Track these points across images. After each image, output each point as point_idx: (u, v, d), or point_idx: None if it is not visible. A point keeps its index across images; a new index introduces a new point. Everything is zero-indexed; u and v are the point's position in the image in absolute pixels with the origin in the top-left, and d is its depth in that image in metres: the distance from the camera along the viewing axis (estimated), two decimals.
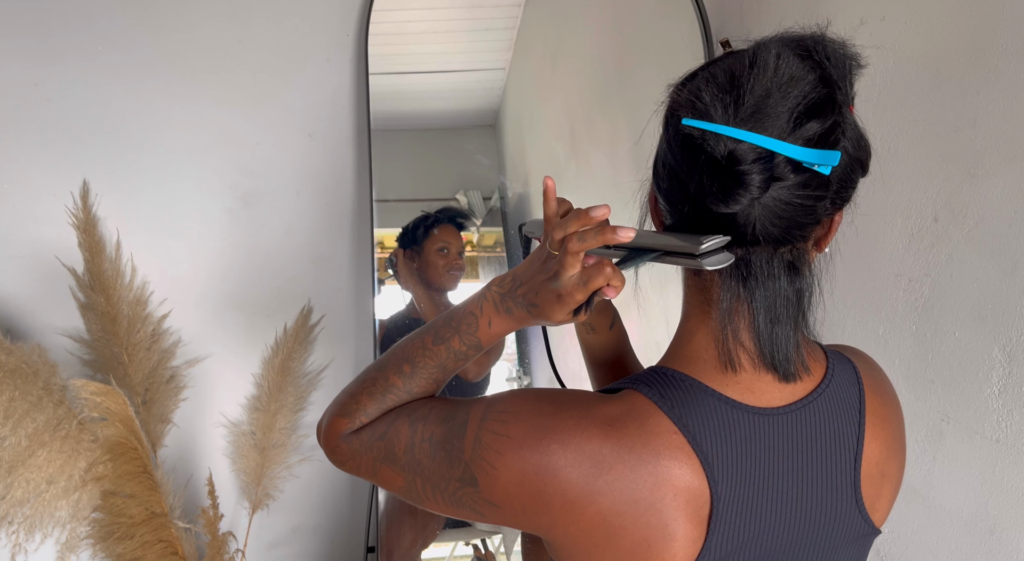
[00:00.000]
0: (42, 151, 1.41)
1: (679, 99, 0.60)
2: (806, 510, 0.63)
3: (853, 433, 0.65)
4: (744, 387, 0.62)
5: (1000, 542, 0.97)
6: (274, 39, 1.52)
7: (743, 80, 0.55)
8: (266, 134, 1.53)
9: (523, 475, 0.59)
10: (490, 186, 1.72)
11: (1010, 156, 0.94)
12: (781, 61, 0.55)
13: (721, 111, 0.55)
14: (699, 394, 0.61)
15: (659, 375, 0.63)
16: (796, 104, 0.54)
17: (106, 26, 1.42)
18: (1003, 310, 0.94)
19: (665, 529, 0.58)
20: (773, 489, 0.61)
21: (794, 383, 0.63)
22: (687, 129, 0.57)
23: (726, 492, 0.58)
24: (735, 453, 0.59)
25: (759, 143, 0.53)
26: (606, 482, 0.57)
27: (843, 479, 0.65)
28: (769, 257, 0.60)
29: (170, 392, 1.47)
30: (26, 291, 1.42)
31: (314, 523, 1.66)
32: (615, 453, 0.58)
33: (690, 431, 0.59)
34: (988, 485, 0.98)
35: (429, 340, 0.70)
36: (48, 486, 1.19)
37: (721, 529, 0.58)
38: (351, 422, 0.70)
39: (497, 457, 0.60)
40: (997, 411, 0.96)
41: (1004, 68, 0.94)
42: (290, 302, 1.58)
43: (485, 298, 0.69)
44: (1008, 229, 0.94)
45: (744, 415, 0.60)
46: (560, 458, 0.58)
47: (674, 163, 0.59)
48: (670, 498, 0.57)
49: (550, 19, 1.73)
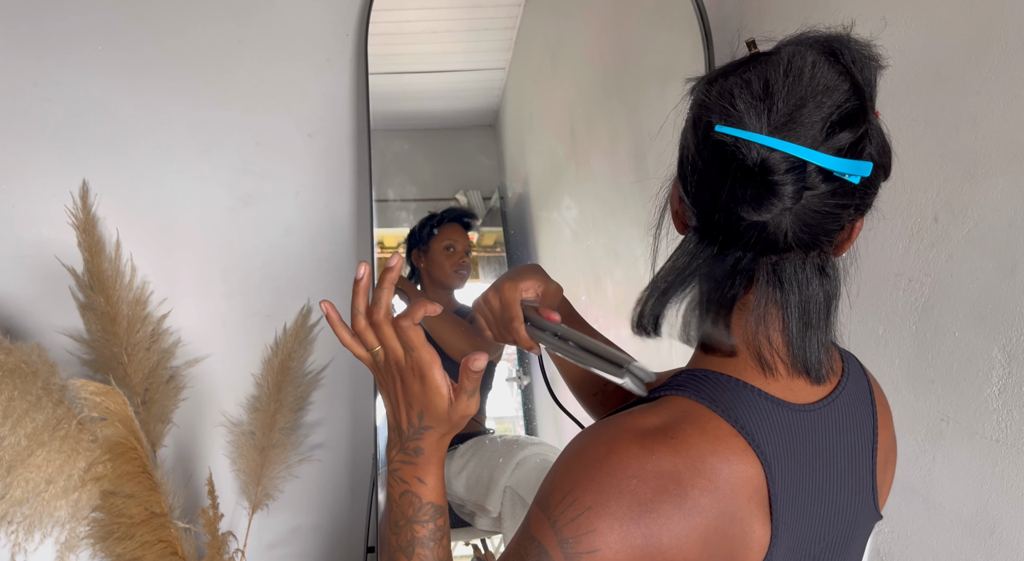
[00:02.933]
0: (42, 151, 1.41)
1: (709, 103, 0.59)
2: (841, 498, 0.65)
3: (870, 424, 0.68)
4: (783, 386, 0.63)
5: (1000, 542, 0.96)
6: (274, 39, 1.52)
7: (777, 88, 0.55)
8: (266, 134, 1.53)
9: (624, 533, 0.54)
10: (490, 186, 1.72)
11: (1010, 156, 0.94)
12: (816, 70, 0.55)
13: (755, 119, 0.55)
14: (747, 393, 0.61)
15: (698, 378, 0.62)
16: (829, 113, 0.55)
17: (106, 26, 1.42)
18: (1003, 310, 0.94)
19: (745, 537, 0.57)
20: (816, 481, 0.63)
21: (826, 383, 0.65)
22: (719, 136, 0.56)
23: (782, 489, 0.59)
24: (786, 450, 0.60)
25: (793, 152, 0.53)
26: (693, 500, 0.54)
27: (865, 468, 0.67)
28: (802, 262, 0.60)
29: (170, 392, 1.47)
30: (26, 291, 1.42)
31: (314, 523, 1.66)
32: (690, 467, 0.55)
33: (748, 431, 0.58)
34: (988, 485, 0.98)
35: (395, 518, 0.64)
36: (47, 486, 1.19)
37: (783, 525, 0.59)
38: None
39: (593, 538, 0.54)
40: (997, 411, 0.96)
41: (1004, 68, 0.94)
42: (290, 302, 1.58)
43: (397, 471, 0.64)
44: (1008, 229, 0.94)
45: (788, 412, 0.61)
46: (645, 492, 0.54)
47: (704, 168, 0.59)
48: (745, 503, 0.57)
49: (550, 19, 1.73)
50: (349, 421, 1.65)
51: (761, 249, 0.59)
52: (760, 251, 0.59)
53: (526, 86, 1.75)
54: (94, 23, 1.42)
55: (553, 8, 1.72)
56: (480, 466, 1.57)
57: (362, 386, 1.64)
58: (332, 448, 1.65)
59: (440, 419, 0.62)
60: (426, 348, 0.61)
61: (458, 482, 1.59)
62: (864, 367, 0.75)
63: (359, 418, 1.65)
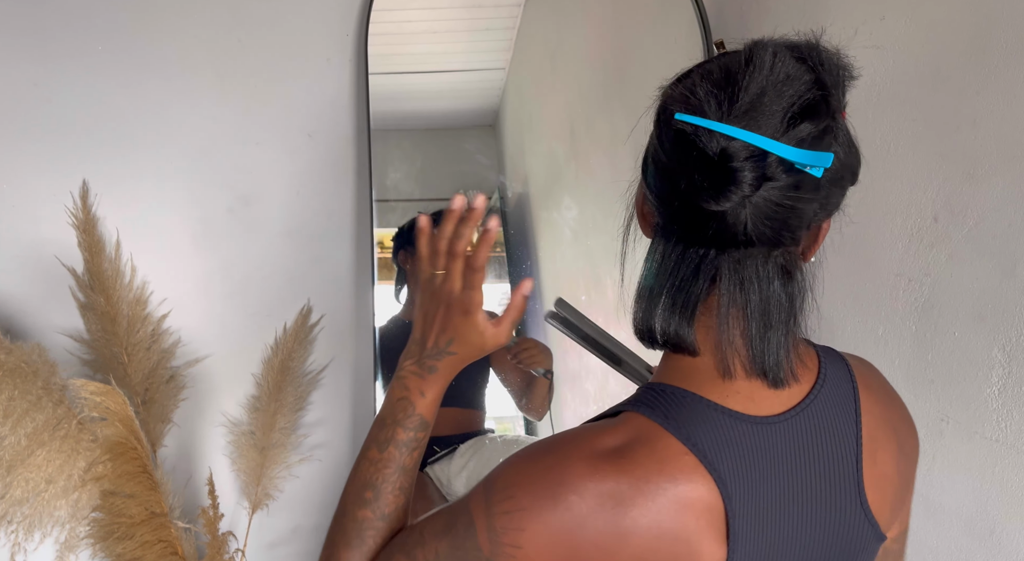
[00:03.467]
0: (41, 151, 1.41)
1: (673, 94, 0.59)
2: (815, 515, 0.62)
3: (852, 433, 0.64)
4: (744, 396, 0.61)
5: (1000, 542, 0.97)
6: (274, 39, 1.52)
7: (738, 77, 0.55)
8: (266, 134, 1.53)
9: (551, 540, 0.56)
10: (490, 186, 1.72)
11: (1010, 156, 0.94)
12: (777, 60, 0.55)
13: (715, 107, 0.54)
14: (702, 409, 0.59)
15: (657, 393, 0.62)
16: (791, 104, 0.54)
17: (106, 26, 1.42)
18: (1003, 310, 0.94)
19: (692, 556, 0.57)
20: (782, 498, 0.60)
21: (789, 388, 0.62)
22: (679, 124, 0.56)
23: (740, 506, 0.58)
24: (743, 465, 0.58)
25: (752, 141, 0.53)
26: (632, 519, 0.55)
27: (847, 482, 0.63)
28: (764, 260, 0.59)
29: (170, 392, 1.47)
30: (26, 291, 1.42)
31: (314, 523, 1.66)
32: (633, 487, 0.55)
33: (700, 449, 0.57)
34: (988, 485, 0.98)
35: (374, 453, 0.68)
36: (47, 486, 1.19)
37: (741, 544, 0.58)
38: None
39: (519, 534, 0.56)
40: (997, 411, 0.96)
41: (1004, 68, 0.94)
42: (290, 302, 1.58)
43: (404, 378, 0.68)
44: (1008, 229, 0.94)
45: (747, 426, 0.59)
46: (581, 507, 0.55)
47: (665, 159, 0.59)
48: (692, 522, 0.56)
49: (550, 19, 1.73)
50: (349, 421, 1.65)
51: (721, 243, 0.58)
52: (720, 245, 0.58)
53: (526, 86, 1.75)
54: (94, 24, 1.42)
55: (553, 8, 1.72)
56: (480, 466, 1.58)
57: (362, 386, 1.64)
58: (332, 448, 1.65)
59: (470, 347, 0.66)
60: (478, 292, 0.65)
61: (458, 482, 1.59)
62: (856, 368, 0.69)
63: (359, 418, 1.65)
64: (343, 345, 1.63)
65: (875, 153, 1.13)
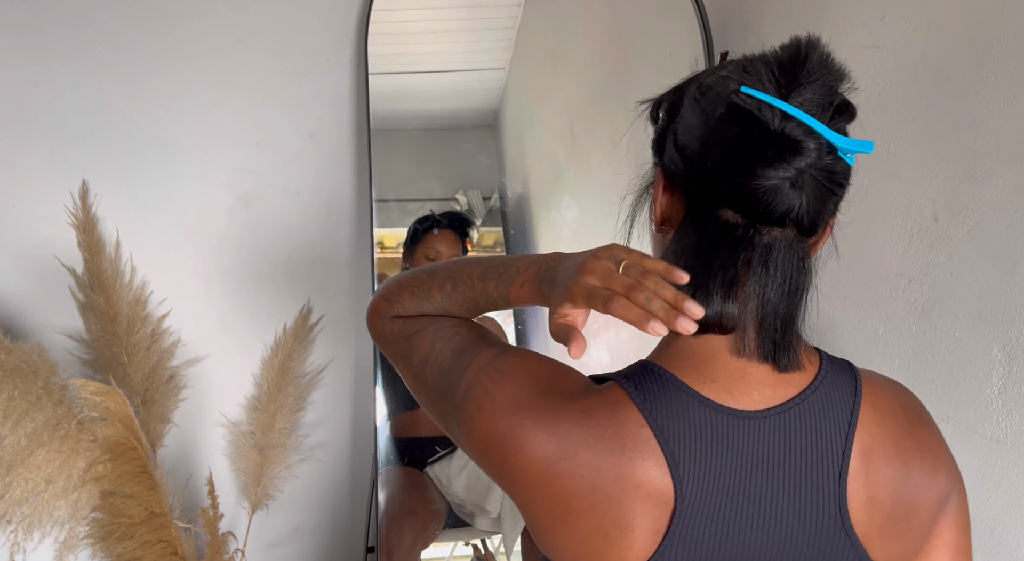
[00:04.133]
0: (41, 151, 1.41)
1: (725, 74, 0.61)
2: (779, 522, 0.61)
3: (838, 447, 0.62)
4: (721, 386, 0.61)
5: (1000, 542, 0.96)
6: (274, 39, 1.52)
7: (797, 65, 0.58)
8: (266, 134, 1.53)
9: (493, 437, 0.62)
10: (490, 186, 1.72)
11: (1010, 156, 0.94)
12: (829, 58, 0.59)
13: (775, 88, 0.57)
14: (674, 390, 0.61)
15: (640, 369, 0.64)
16: (836, 97, 0.58)
17: (106, 26, 1.42)
18: (1003, 310, 0.94)
19: (622, 519, 0.58)
20: (745, 494, 0.60)
21: (784, 381, 0.62)
22: (741, 98, 0.57)
23: (692, 491, 0.58)
24: (705, 453, 0.59)
25: (809, 122, 0.56)
26: (569, 466, 0.59)
27: (825, 494, 0.61)
28: (790, 246, 0.60)
29: (170, 392, 1.47)
30: (26, 291, 1.42)
31: (314, 523, 1.66)
32: (582, 439, 0.59)
33: (659, 426, 0.59)
34: (988, 485, 0.98)
35: (476, 272, 0.71)
36: (47, 486, 1.19)
37: (683, 527, 0.58)
38: (390, 308, 0.77)
39: (478, 412, 0.64)
40: (997, 411, 0.96)
41: (1004, 68, 0.94)
42: (290, 302, 1.58)
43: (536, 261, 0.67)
44: (1008, 229, 0.94)
45: (718, 415, 0.60)
46: (530, 434, 0.60)
47: (714, 135, 0.60)
48: (630, 490, 0.58)
49: (550, 19, 1.73)
50: (349, 421, 1.65)
51: (767, 218, 0.59)
52: (766, 220, 0.59)
53: (526, 86, 1.75)
54: (95, 24, 1.42)
55: (553, 8, 1.72)
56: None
57: (362, 386, 1.64)
58: (332, 448, 1.65)
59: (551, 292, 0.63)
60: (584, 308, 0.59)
61: (458, 482, 1.59)
62: (870, 387, 0.66)
63: (359, 418, 1.65)
64: (343, 345, 1.63)
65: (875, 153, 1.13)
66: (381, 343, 0.79)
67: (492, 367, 0.65)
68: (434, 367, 0.69)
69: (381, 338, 0.78)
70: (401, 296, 0.76)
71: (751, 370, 0.62)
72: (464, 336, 0.71)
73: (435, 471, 1.60)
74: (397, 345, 0.75)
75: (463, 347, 0.69)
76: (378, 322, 0.78)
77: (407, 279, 0.76)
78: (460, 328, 0.72)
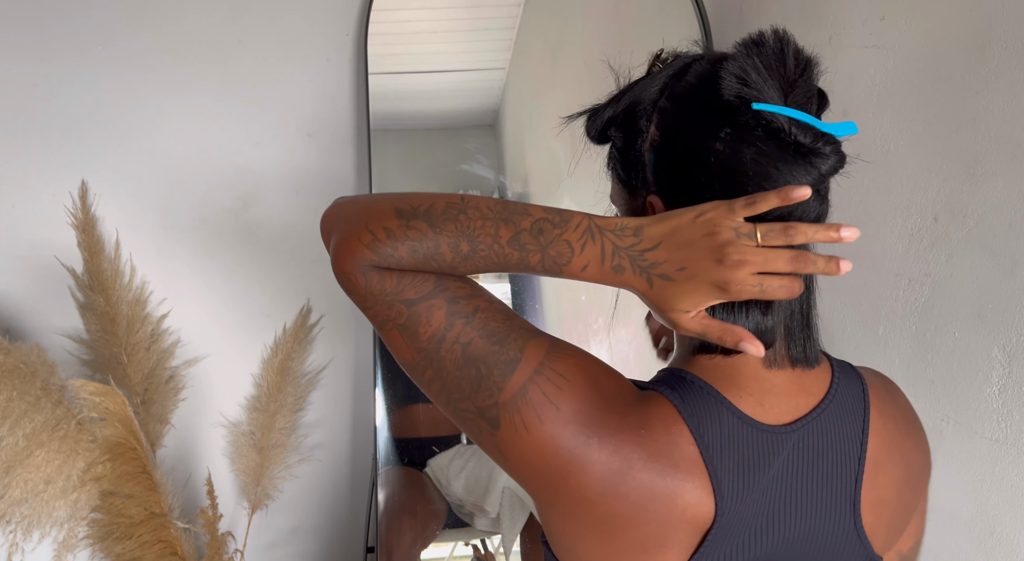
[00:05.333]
0: (41, 151, 1.41)
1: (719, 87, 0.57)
2: (798, 529, 0.61)
3: (855, 454, 0.63)
4: (755, 400, 0.60)
5: (1000, 542, 0.96)
6: (273, 39, 1.51)
7: (781, 65, 0.57)
8: (266, 134, 1.53)
9: (551, 453, 0.56)
10: (490, 186, 1.72)
11: (1010, 156, 0.94)
12: (800, 48, 0.58)
13: (779, 96, 0.56)
14: (717, 406, 0.59)
15: (678, 380, 0.61)
16: (815, 86, 0.58)
17: (105, 26, 1.42)
18: (1003, 310, 0.94)
19: (663, 539, 0.57)
20: (769, 506, 0.60)
21: (803, 389, 0.62)
22: (750, 115, 0.56)
23: (730, 509, 0.58)
24: (743, 474, 0.58)
25: (818, 125, 0.56)
26: (626, 488, 0.56)
27: (843, 500, 0.63)
28: (807, 246, 0.61)
29: (169, 392, 1.47)
30: (25, 291, 1.42)
31: (314, 523, 1.66)
32: (641, 460, 0.56)
33: (705, 444, 0.57)
34: (988, 485, 0.98)
35: (505, 236, 0.57)
36: (46, 486, 1.18)
37: (713, 545, 0.58)
38: (375, 256, 0.57)
39: (536, 423, 0.56)
40: (997, 411, 0.96)
41: (1004, 68, 0.94)
42: (289, 302, 1.58)
43: (592, 237, 0.57)
44: (1008, 229, 0.94)
45: (755, 433, 0.59)
46: (595, 454, 0.55)
47: (732, 156, 0.57)
48: (677, 512, 0.57)
49: (550, 19, 1.73)
50: (349, 421, 1.65)
51: None
52: None
53: (526, 86, 1.75)
54: (94, 24, 1.42)
55: (553, 8, 1.72)
56: (479, 467, 1.57)
57: (362, 386, 1.64)
58: (332, 448, 1.64)
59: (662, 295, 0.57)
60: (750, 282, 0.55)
61: (457, 483, 1.59)
62: (873, 389, 0.67)
63: (359, 418, 1.65)
64: (343, 345, 1.63)
65: (875, 153, 1.13)
66: (359, 299, 0.60)
67: (550, 368, 0.57)
68: (455, 349, 0.57)
69: (361, 293, 0.60)
70: (395, 248, 0.57)
71: (776, 380, 0.62)
72: (490, 314, 0.59)
73: (434, 471, 1.60)
74: (390, 309, 0.59)
75: (498, 332, 0.58)
76: (356, 269, 0.58)
77: (399, 227, 0.57)
78: (478, 300, 0.60)
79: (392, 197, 0.60)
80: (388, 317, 0.59)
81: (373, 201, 0.61)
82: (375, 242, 0.57)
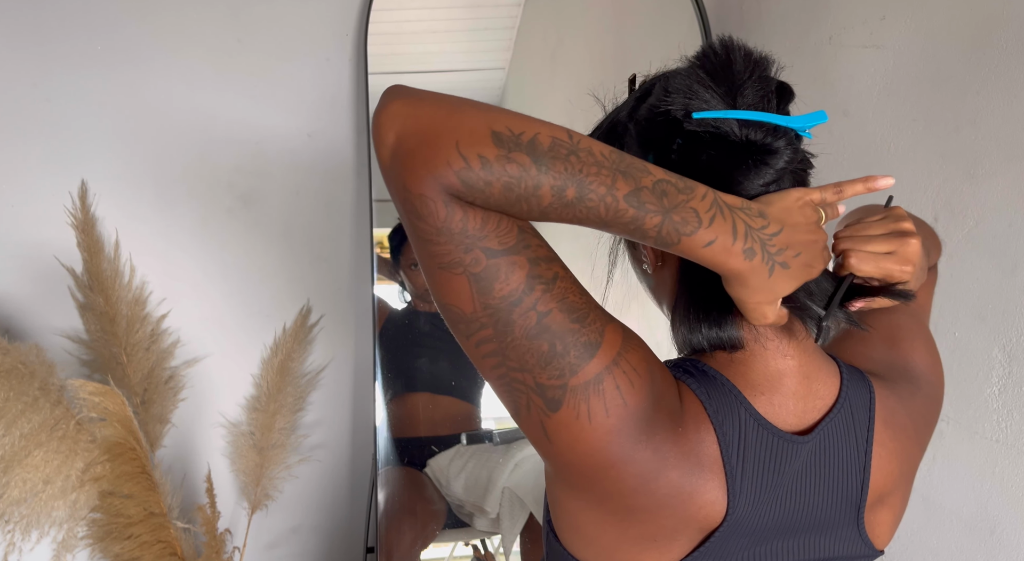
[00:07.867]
0: (41, 151, 1.41)
1: (665, 105, 0.60)
2: (803, 538, 0.63)
3: (860, 462, 0.64)
4: (767, 400, 0.61)
5: (1000, 542, 0.96)
6: (273, 39, 1.51)
7: (727, 70, 0.58)
8: (266, 134, 1.53)
9: (605, 446, 0.53)
10: None
11: (1010, 156, 0.94)
12: (749, 50, 0.59)
13: (721, 101, 0.57)
14: (736, 404, 0.59)
15: (701, 373, 0.61)
16: (773, 84, 0.59)
17: (105, 26, 1.42)
18: (1003, 310, 0.94)
19: (675, 532, 0.58)
20: (776, 511, 0.61)
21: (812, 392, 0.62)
22: (694, 125, 0.57)
23: (738, 512, 0.58)
24: (756, 475, 0.59)
25: (767, 120, 0.56)
26: (657, 485, 0.56)
27: (847, 505, 0.64)
28: None
29: (169, 392, 1.46)
30: (24, 291, 1.42)
31: (313, 523, 1.66)
32: (674, 459, 0.56)
33: (726, 444, 0.58)
34: (988, 485, 0.98)
35: (623, 190, 0.50)
36: (45, 486, 1.18)
37: (716, 542, 0.58)
38: (461, 186, 0.48)
39: (602, 416, 0.53)
40: (997, 411, 0.96)
41: (1004, 68, 0.94)
42: (289, 302, 1.58)
43: (721, 211, 0.52)
44: (1008, 229, 0.94)
45: (770, 437, 0.60)
46: (640, 452, 0.54)
47: (689, 168, 0.57)
48: (694, 509, 0.57)
49: (550, 19, 1.73)
50: (349, 421, 1.65)
51: None
52: None
53: (526, 86, 1.75)
54: (94, 23, 1.42)
55: (553, 8, 1.72)
56: (479, 467, 1.57)
57: (362, 386, 1.64)
58: (332, 448, 1.64)
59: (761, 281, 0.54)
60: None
61: (457, 483, 1.59)
62: (881, 405, 0.67)
63: (359, 418, 1.65)
64: (343, 345, 1.63)
65: (875, 153, 1.13)
66: (432, 231, 0.50)
67: (626, 360, 0.54)
68: (530, 316, 0.51)
69: (438, 226, 0.49)
70: (490, 184, 0.47)
71: (785, 379, 0.62)
72: (569, 284, 0.54)
73: (434, 471, 1.60)
74: (468, 254, 0.50)
75: (578, 308, 0.53)
76: (436, 195, 0.48)
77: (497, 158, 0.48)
78: (556, 266, 0.54)
79: (481, 110, 0.50)
80: (461, 261, 0.50)
81: (459, 110, 0.49)
82: (467, 170, 0.47)
